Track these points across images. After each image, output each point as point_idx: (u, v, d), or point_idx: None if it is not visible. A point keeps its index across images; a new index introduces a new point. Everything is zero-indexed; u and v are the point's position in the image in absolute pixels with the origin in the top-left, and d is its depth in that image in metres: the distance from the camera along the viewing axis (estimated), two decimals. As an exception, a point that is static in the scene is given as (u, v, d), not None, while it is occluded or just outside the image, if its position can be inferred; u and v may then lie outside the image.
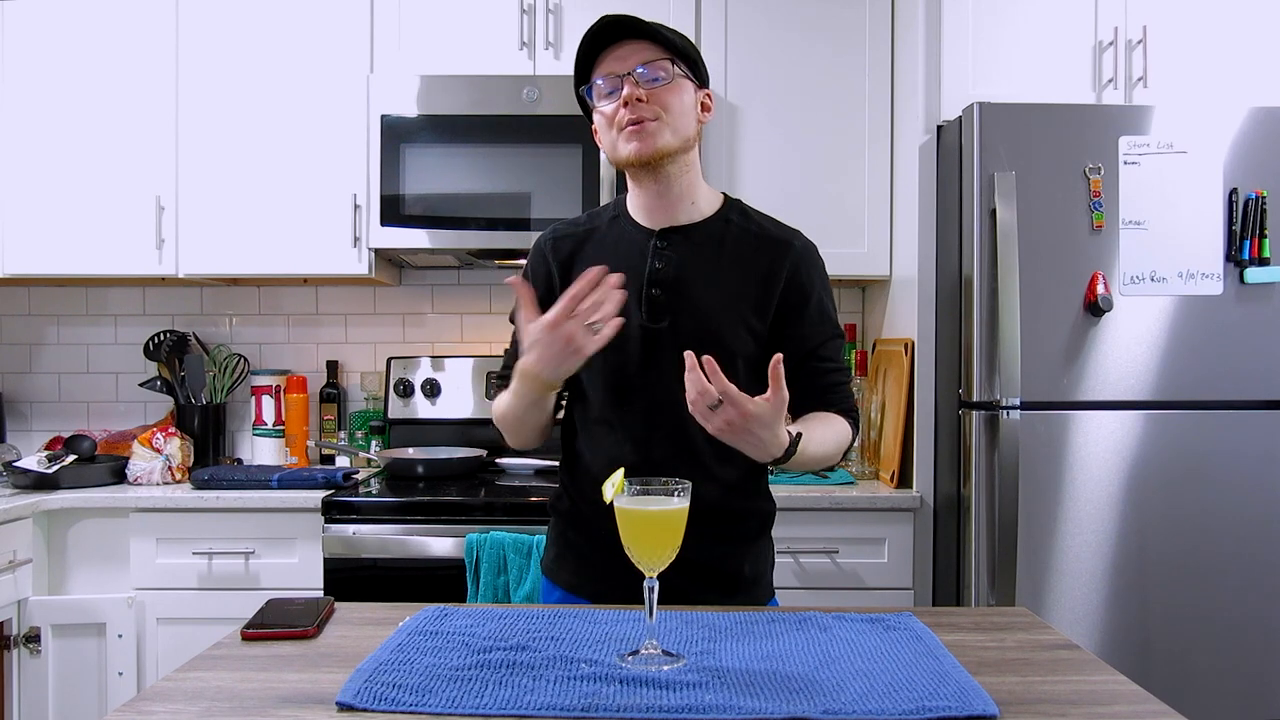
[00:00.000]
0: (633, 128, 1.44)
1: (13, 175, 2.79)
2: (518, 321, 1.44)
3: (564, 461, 1.62)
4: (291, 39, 2.77)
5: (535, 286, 1.56)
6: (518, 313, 1.47)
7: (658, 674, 1.08)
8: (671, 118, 1.45)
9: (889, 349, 2.75)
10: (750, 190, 2.73)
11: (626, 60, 1.44)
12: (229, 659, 1.18)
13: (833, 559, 2.45)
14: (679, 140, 1.47)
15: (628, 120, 1.44)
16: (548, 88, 2.66)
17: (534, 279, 1.57)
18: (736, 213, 1.57)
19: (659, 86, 1.44)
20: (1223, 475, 2.27)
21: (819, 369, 1.53)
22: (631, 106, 1.43)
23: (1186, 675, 2.25)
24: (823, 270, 1.57)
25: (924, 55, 2.52)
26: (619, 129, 1.45)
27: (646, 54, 1.44)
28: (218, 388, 2.98)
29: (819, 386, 1.53)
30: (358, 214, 2.75)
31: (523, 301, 1.41)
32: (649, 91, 1.44)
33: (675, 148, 1.47)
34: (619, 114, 1.44)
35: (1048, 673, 1.14)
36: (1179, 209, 2.27)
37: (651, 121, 1.44)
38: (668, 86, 1.45)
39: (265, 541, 2.48)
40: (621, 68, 1.44)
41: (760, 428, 1.27)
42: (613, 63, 1.45)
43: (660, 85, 1.44)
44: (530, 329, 1.38)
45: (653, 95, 1.44)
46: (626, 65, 1.44)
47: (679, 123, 1.46)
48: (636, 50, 1.44)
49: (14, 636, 2.43)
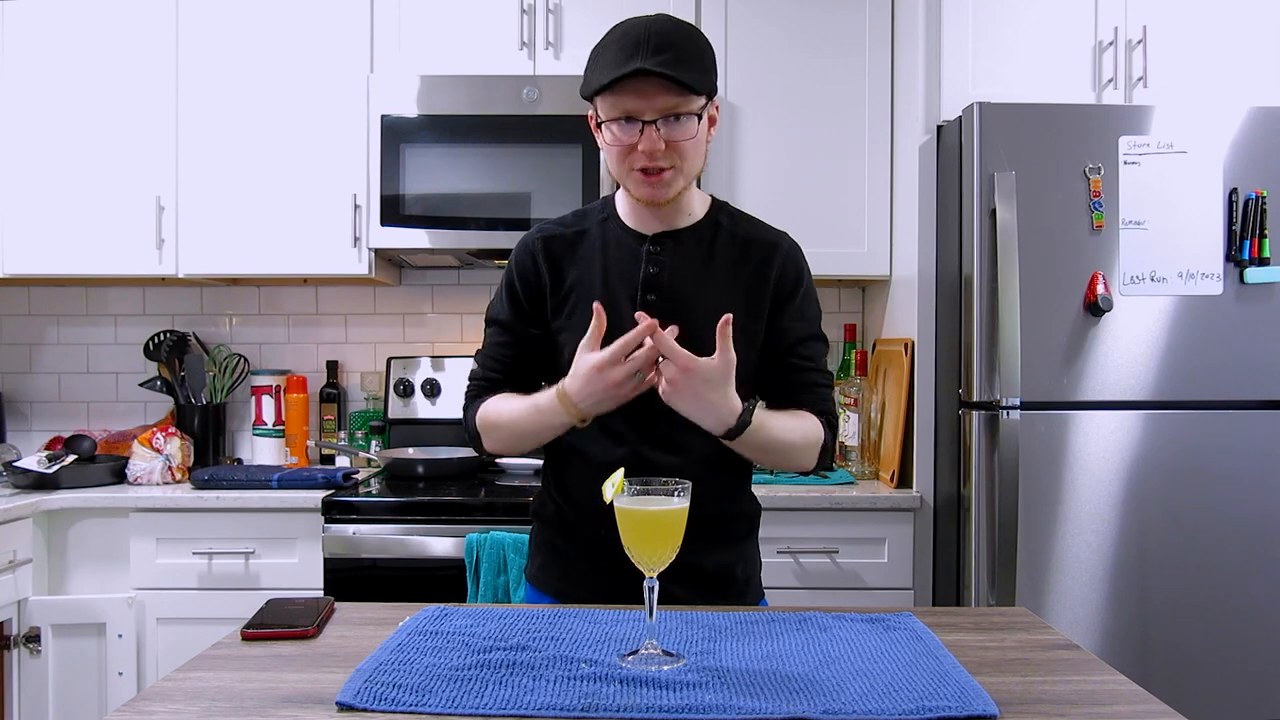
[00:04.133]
0: (645, 176, 1.43)
1: (13, 175, 2.79)
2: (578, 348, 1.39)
3: (549, 466, 1.60)
4: (291, 39, 2.77)
5: (521, 284, 1.54)
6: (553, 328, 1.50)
7: (658, 674, 1.08)
8: (687, 165, 1.44)
9: (889, 349, 2.75)
10: (750, 190, 2.73)
11: (650, 101, 1.38)
12: (229, 659, 1.18)
13: (833, 559, 2.45)
14: (688, 181, 1.47)
15: (644, 167, 1.42)
16: (548, 88, 2.66)
17: (520, 277, 1.54)
18: (725, 215, 1.56)
19: (681, 135, 1.41)
20: (1223, 475, 2.26)
21: (796, 366, 1.52)
22: (648, 156, 1.40)
23: (1187, 675, 2.25)
24: (808, 272, 1.56)
25: (924, 55, 2.52)
26: (630, 169, 1.43)
27: (670, 99, 1.38)
28: (218, 388, 2.98)
29: (795, 385, 1.51)
30: (358, 214, 2.75)
31: (594, 331, 1.36)
32: (670, 138, 1.40)
33: (684, 188, 1.47)
34: (634, 154, 1.41)
35: (1048, 673, 1.14)
36: (1179, 209, 2.27)
37: (668, 171, 1.42)
38: (689, 135, 1.41)
39: (265, 541, 2.48)
40: (645, 110, 1.38)
41: (707, 388, 1.29)
42: (634, 100, 1.38)
43: (682, 133, 1.41)
44: (579, 361, 1.36)
45: (671, 145, 1.41)
46: (650, 108, 1.38)
47: (692, 167, 1.46)
48: (661, 89, 1.38)
49: (14, 636, 2.43)
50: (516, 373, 1.55)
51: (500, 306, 1.57)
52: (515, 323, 1.55)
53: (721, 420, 1.34)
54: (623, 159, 1.43)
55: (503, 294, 1.57)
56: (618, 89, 1.38)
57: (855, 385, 2.77)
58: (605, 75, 1.37)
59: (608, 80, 1.37)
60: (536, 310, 1.55)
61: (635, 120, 1.39)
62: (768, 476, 2.55)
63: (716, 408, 1.32)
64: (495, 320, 1.58)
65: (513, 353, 1.55)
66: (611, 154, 1.45)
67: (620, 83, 1.37)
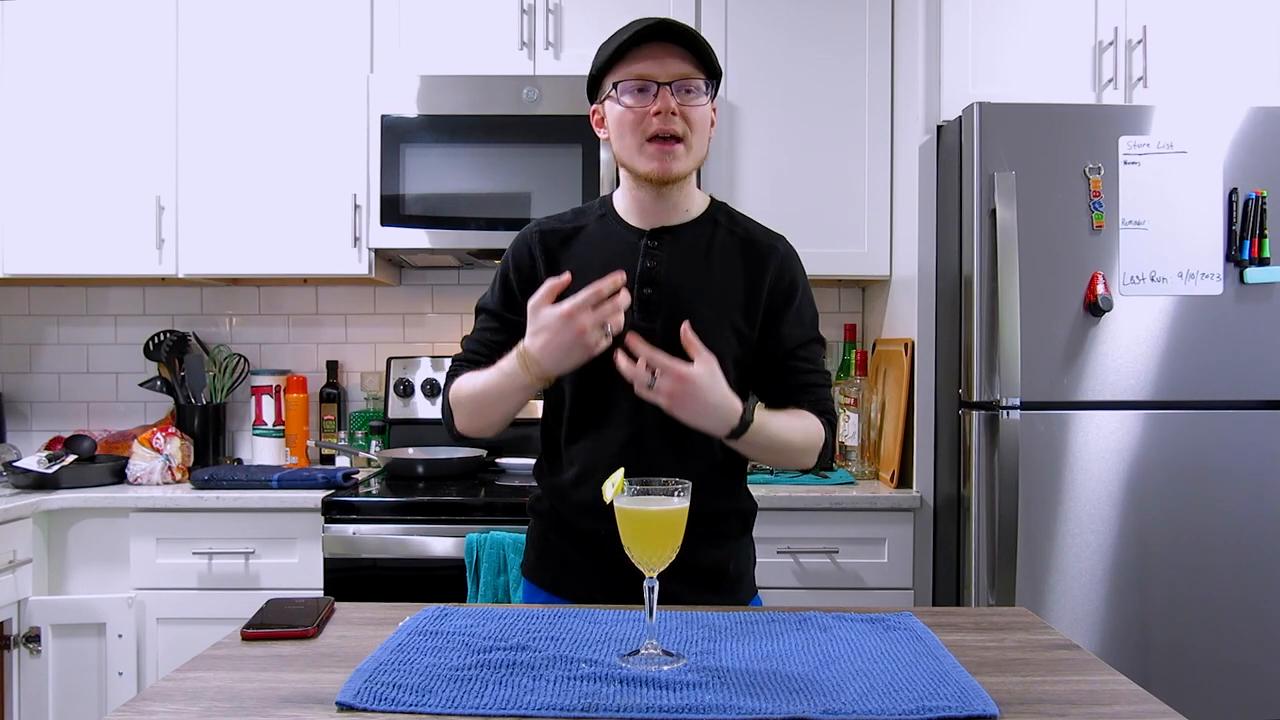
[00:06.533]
0: (661, 145, 1.43)
1: (13, 175, 2.79)
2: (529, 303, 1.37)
3: (544, 463, 1.60)
4: (291, 39, 2.77)
5: (517, 276, 1.54)
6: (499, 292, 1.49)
7: (658, 674, 1.08)
8: (696, 140, 1.45)
9: (889, 349, 2.75)
10: (750, 190, 2.73)
11: (665, 66, 1.42)
12: (229, 659, 1.18)
13: (833, 559, 2.45)
14: (694, 164, 1.48)
15: (657, 132, 1.42)
16: (548, 88, 2.66)
17: (517, 269, 1.55)
18: (723, 215, 1.57)
19: (693, 105, 1.43)
20: (1223, 475, 2.26)
21: (796, 368, 1.53)
22: (665, 117, 1.41)
23: (1186, 675, 2.25)
24: (804, 275, 1.57)
25: (924, 55, 2.52)
26: (645, 137, 1.44)
27: (685, 67, 1.42)
28: (218, 388, 2.98)
29: (795, 385, 1.53)
30: (358, 214, 2.75)
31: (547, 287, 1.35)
32: (683, 107, 1.42)
33: (689, 171, 1.48)
34: (647, 120, 1.42)
35: (1048, 673, 1.14)
36: (1179, 209, 2.27)
37: (679, 144, 1.44)
38: (700, 107, 1.44)
39: (265, 541, 2.48)
40: (660, 74, 1.42)
41: (705, 392, 1.30)
42: (650, 65, 1.42)
43: (694, 104, 1.43)
44: (542, 314, 1.35)
45: (685, 112, 1.43)
46: (666, 72, 1.41)
47: (700, 146, 1.47)
48: (675, 57, 1.42)
49: (14, 636, 2.43)
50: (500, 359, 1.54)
51: (491, 296, 1.58)
52: (505, 313, 1.55)
53: (725, 421, 1.35)
54: (634, 128, 1.44)
55: (496, 284, 1.58)
56: (635, 55, 1.42)
57: (855, 385, 2.77)
58: (622, 40, 1.42)
59: (625, 40, 1.41)
60: None
61: (650, 86, 1.42)
62: (768, 476, 2.55)
63: (718, 409, 1.33)
64: (485, 309, 1.58)
65: (500, 338, 1.54)
66: (624, 125, 1.45)
67: (638, 49, 1.42)
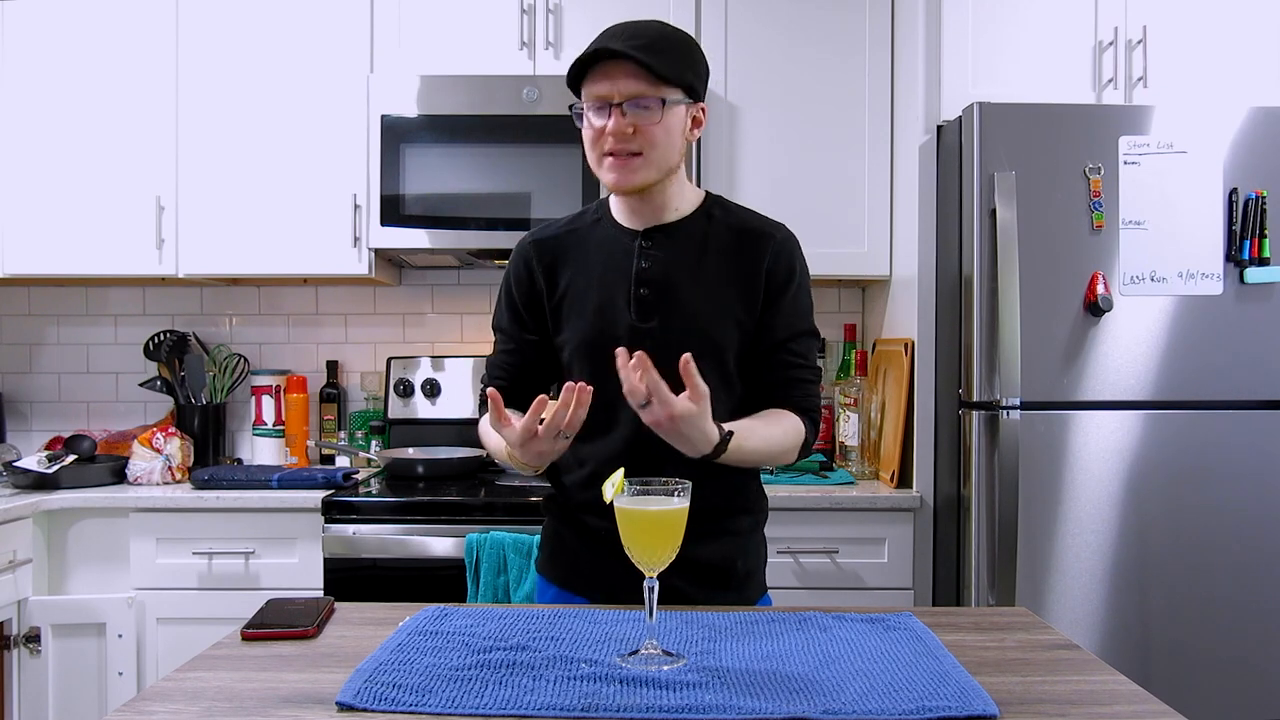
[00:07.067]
0: (616, 160, 1.44)
1: (13, 175, 2.79)
2: (481, 425, 1.45)
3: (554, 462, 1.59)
4: (291, 39, 2.77)
5: (518, 291, 1.58)
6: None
7: (658, 674, 1.08)
8: (655, 153, 1.44)
9: (889, 349, 2.75)
10: (750, 190, 2.73)
11: (616, 84, 1.41)
12: (229, 659, 1.18)
13: (833, 559, 2.45)
14: (659, 173, 1.47)
15: (610, 150, 1.43)
16: (548, 88, 2.66)
17: (516, 284, 1.58)
18: (718, 208, 1.57)
19: (646, 122, 1.42)
20: (1223, 475, 2.26)
21: (785, 362, 1.52)
22: (615, 138, 1.42)
23: (1186, 675, 2.25)
24: (803, 265, 1.56)
25: (924, 55, 2.52)
26: (600, 154, 1.45)
27: (638, 84, 1.41)
28: (218, 388, 2.98)
29: (782, 380, 1.52)
30: (358, 214, 2.75)
31: (494, 410, 1.34)
32: (635, 125, 1.42)
33: (654, 180, 1.47)
34: (604, 138, 1.43)
35: (1048, 673, 1.14)
36: (1179, 209, 2.27)
37: (635, 157, 1.43)
38: (654, 123, 1.43)
39: (265, 541, 2.48)
40: (613, 93, 1.42)
41: (687, 426, 1.29)
42: (603, 84, 1.42)
43: (649, 121, 1.42)
44: (505, 434, 1.35)
45: (639, 130, 1.42)
46: (616, 91, 1.41)
47: (662, 157, 1.46)
48: (628, 75, 1.41)
49: (14, 636, 2.43)
50: (522, 380, 1.59)
51: (501, 314, 1.62)
52: (515, 330, 1.60)
53: (697, 449, 1.35)
54: (594, 145, 1.46)
55: (502, 301, 1.62)
56: (591, 75, 1.43)
57: (855, 385, 2.76)
58: (578, 60, 1.43)
59: (580, 61, 1.42)
60: (534, 315, 1.58)
61: (605, 106, 1.42)
62: (768, 476, 2.55)
63: (695, 441, 1.33)
64: (499, 328, 1.63)
65: (517, 359, 1.60)
66: (588, 142, 1.48)
67: (591, 68, 1.42)
